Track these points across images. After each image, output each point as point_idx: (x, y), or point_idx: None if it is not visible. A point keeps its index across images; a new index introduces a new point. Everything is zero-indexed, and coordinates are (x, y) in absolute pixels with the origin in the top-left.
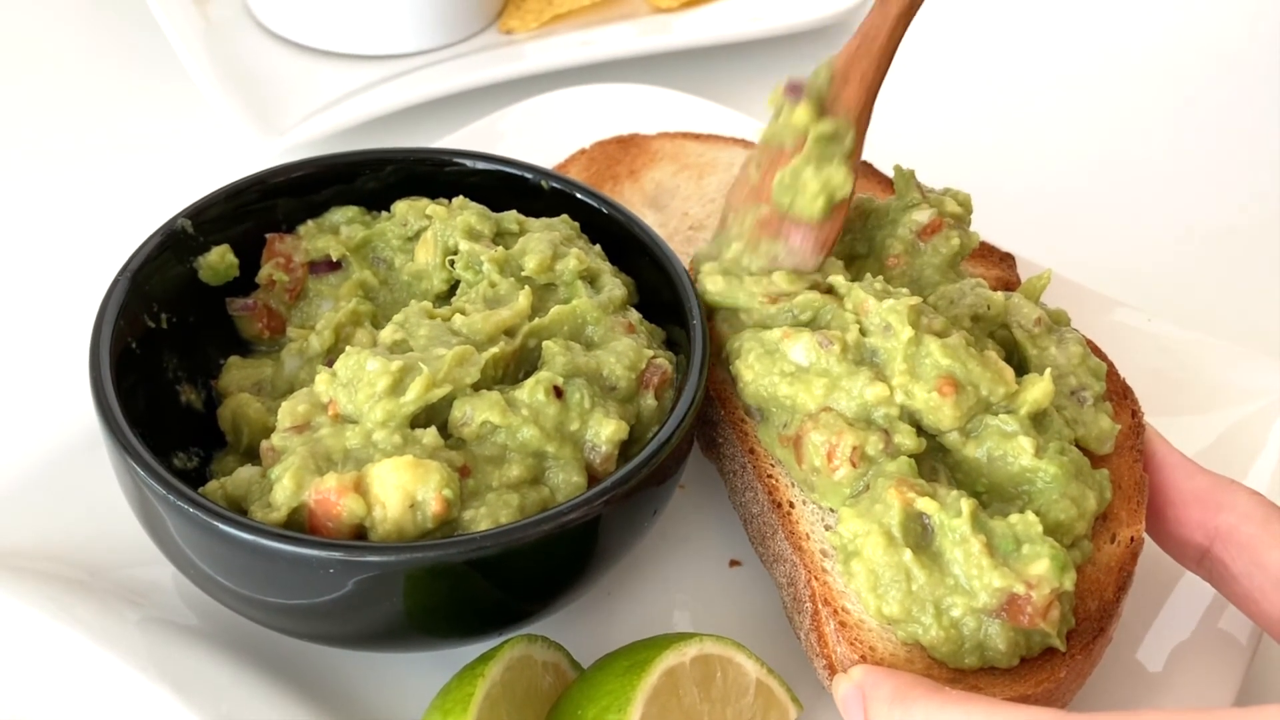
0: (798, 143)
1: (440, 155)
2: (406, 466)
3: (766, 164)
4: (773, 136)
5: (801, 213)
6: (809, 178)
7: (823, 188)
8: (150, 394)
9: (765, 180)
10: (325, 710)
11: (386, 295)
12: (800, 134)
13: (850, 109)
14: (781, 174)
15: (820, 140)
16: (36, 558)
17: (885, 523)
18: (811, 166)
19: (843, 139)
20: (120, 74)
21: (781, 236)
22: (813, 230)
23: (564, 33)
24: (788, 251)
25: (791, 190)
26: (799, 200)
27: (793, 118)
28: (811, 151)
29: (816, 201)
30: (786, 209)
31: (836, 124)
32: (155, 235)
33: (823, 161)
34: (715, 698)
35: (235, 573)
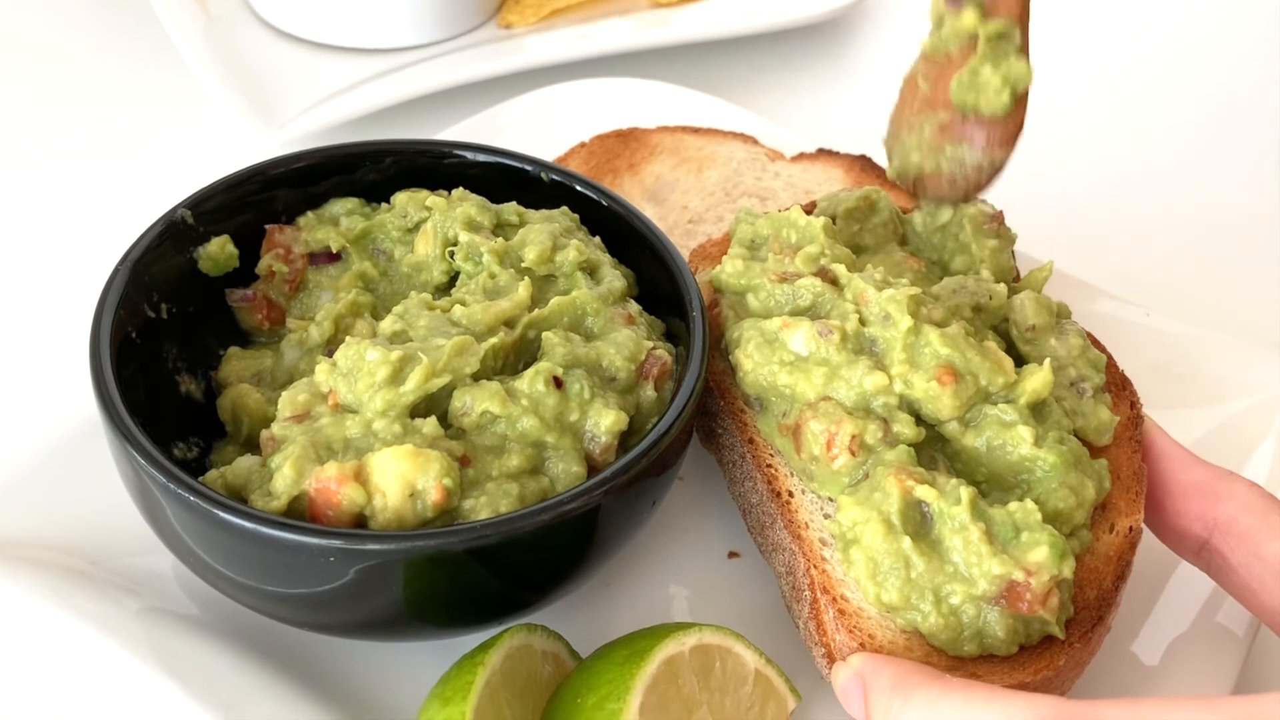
0: (965, 47)
1: (440, 147)
2: (406, 455)
3: (935, 74)
4: (936, 47)
5: (987, 109)
6: (988, 75)
7: (1005, 81)
8: (150, 384)
9: (939, 88)
10: (325, 699)
11: (386, 286)
12: (968, 38)
13: (1011, 8)
14: (959, 76)
15: (992, 39)
16: (36, 546)
17: (884, 510)
18: (989, 65)
19: (1012, 36)
20: (121, 67)
21: (965, 139)
22: (998, 125)
23: (563, 27)
24: (973, 150)
25: (973, 90)
26: (983, 98)
27: (959, 23)
28: (985, 51)
29: (1002, 95)
30: (972, 108)
31: (1004, 22)
32: (155, 225)
33: (999, 58)
34: (714, 687)
35: (235, 561)
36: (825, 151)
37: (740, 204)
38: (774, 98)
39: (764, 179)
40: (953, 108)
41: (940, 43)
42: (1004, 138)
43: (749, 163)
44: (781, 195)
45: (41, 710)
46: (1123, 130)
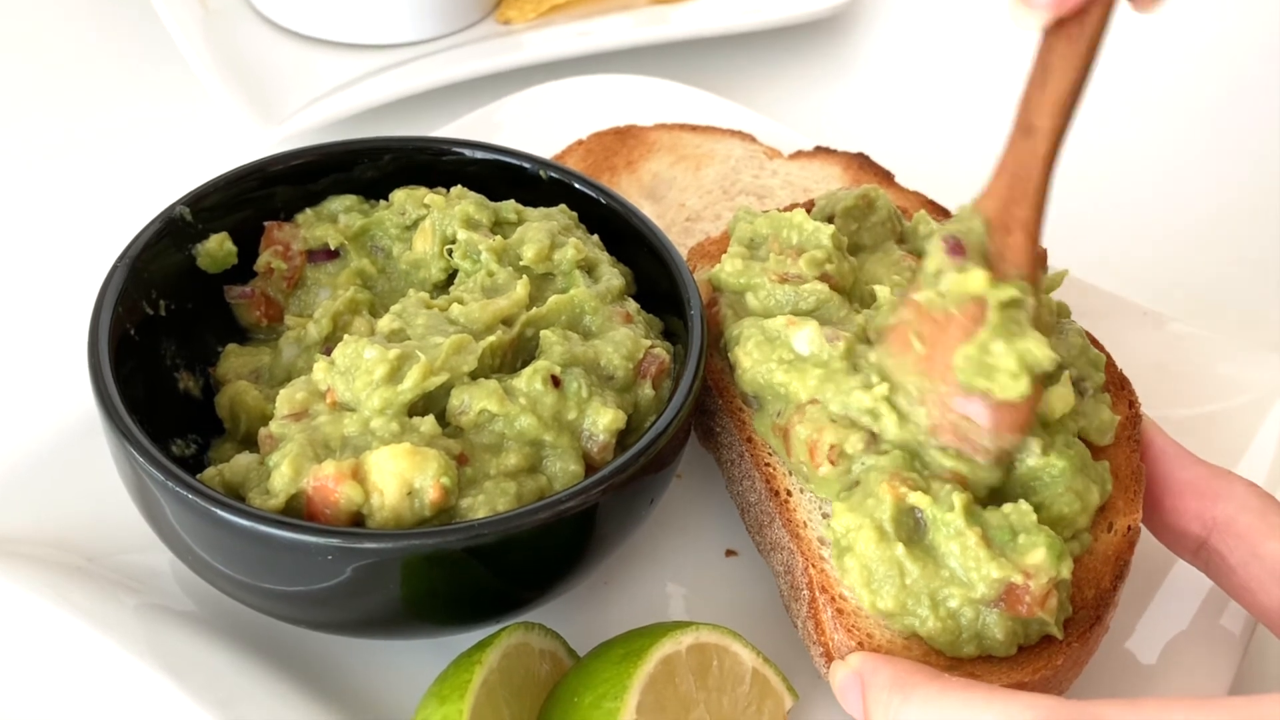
0: (969, 311)
1: (438, 144)
2: (404, 454)
3: (931, 334)
4: (934, 301)
5: (1002, 394)
6: (1001, 353)
7: (1020, 364)
8: (148, 381)
9: (936, 353)
10: (322, 696)
11: (384, 284)
12: (972, 300)
13: (1020, 264)
14: (966, 352)
15: (1004, 308)
16: (34, 543)
17: (877, 517)
18: (1000, 340)
19: (1025, 303)
20: (119, 62)
21: (969, 417)
22: (1010, 409)
23: (562, 23)
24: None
25: (983, 371)
26: (996, 381)
27: (963, 282)
28: (997, 324)
29: (1019, 381)
30: (982, 390)
31: (1018, 288)
32: (154, 223)
33: (1011, 332)
34: (711, 686)
35: (233, 559)
36: (823, 149)
37: (738, 202)
38: (772, 94)
39: (762, 177)
40: (956, 383)
41: (938, 298)
42: (1015, 423)
43: (747, 160)
44: (779, 193)
45: (39, 706)
46: (1121, 128)
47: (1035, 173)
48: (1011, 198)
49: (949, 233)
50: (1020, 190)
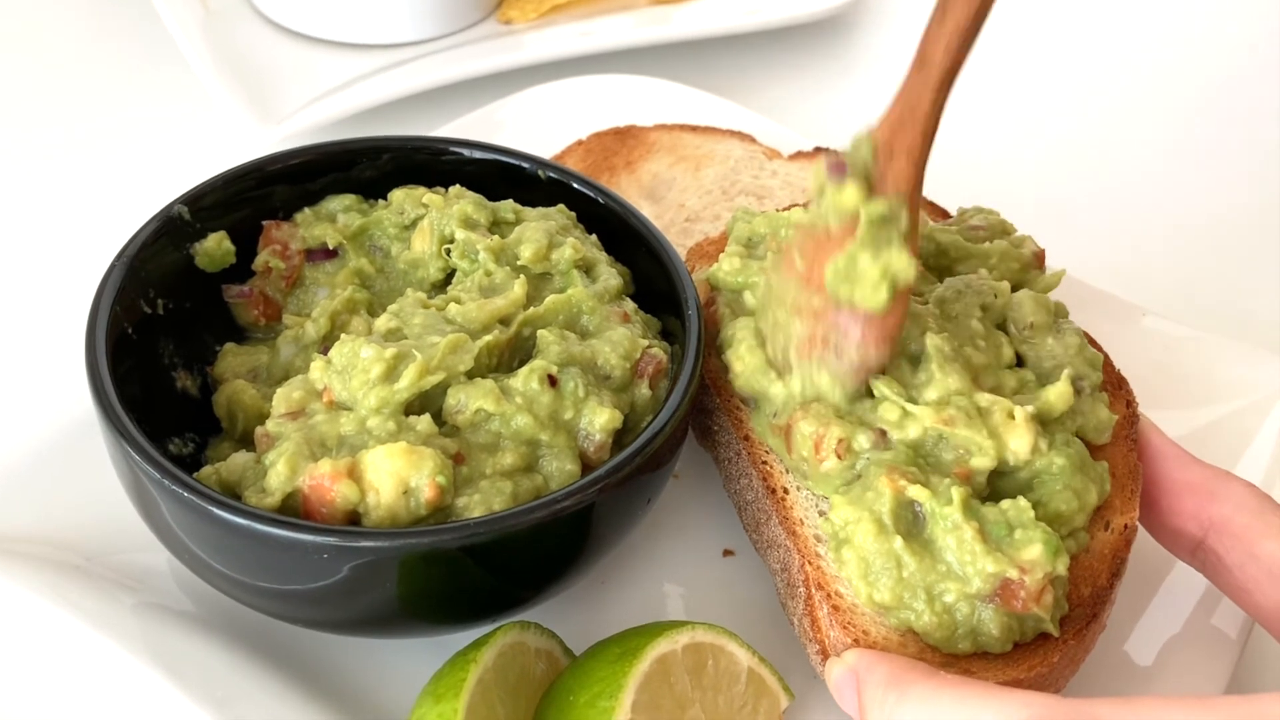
0: (846, 226)
1: (437, 144)
2: (400, 453)
3: (811, 250)
4: (816, 220)
5: (863, 303)
6: (866, 264)
7: (883, 274)
8: (146, 380)
9: (814, 269)
10: (318, 695)
11: (383, 283)
12: (848, 216)
13: (900, 186)
14: (834, 261)
15: (873, 223)
16: (33, 542)
17: (876, 510)
18: (868, 252)
19: (897, 219)
20: (118, 60)
21: (839, 329)
22: (875, 321)
23: (563, 23)
24: (847, 343)
25: (849, 280)
26: (859, 290)
27: (839, 198)
28: (866, 235)
29: (879, 290)
30: (846, 300)
31: (889, 203)
32: (152, 221)
33: (880, 246)
34: (707, 685)
35: (229, 558)
36: (823, 150)
37: (737, 202)
38: (773, 95)
39: (761, 177)
40: (826, 294)
41: (819, 216)
42: (880, 336)
43: (746, 161)
44: (779, 194)
45: (37, 705)
46: (1120, 129)
47: (925, 102)
48: (900, 125)
49: (833, 156)
50: (909, 118)
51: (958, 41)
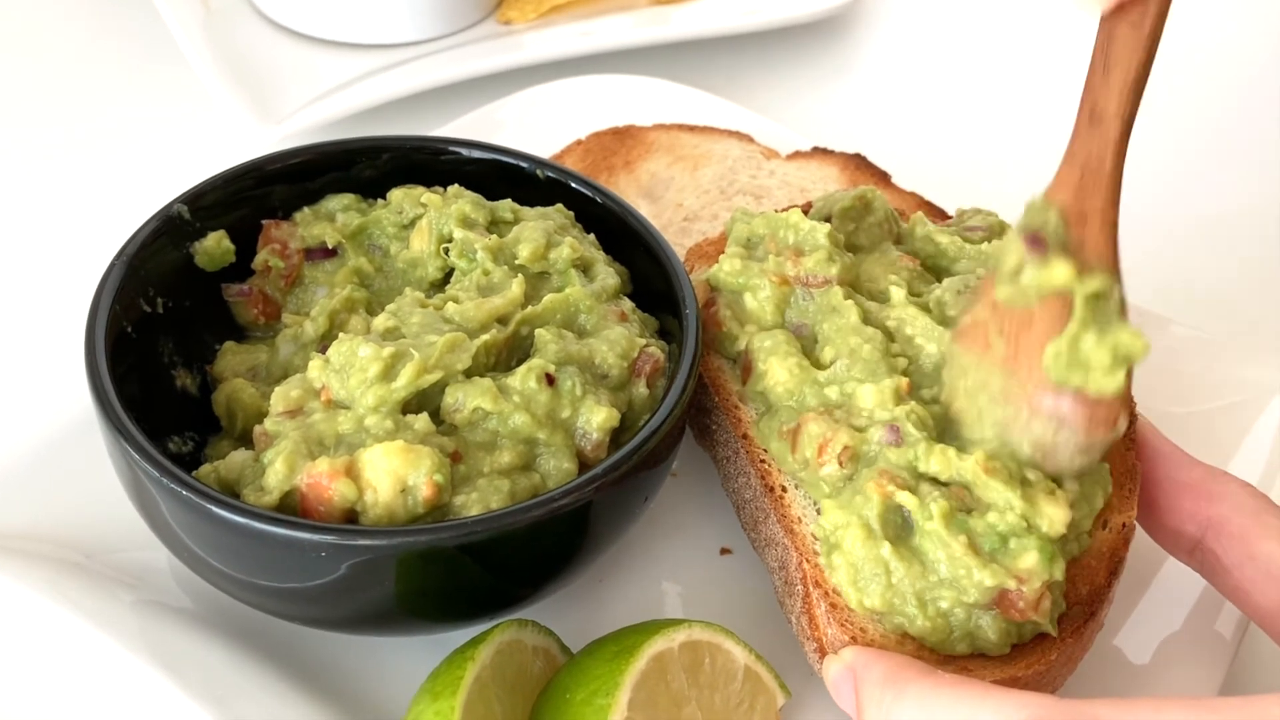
0: (1054, 305)
1: (436, 144)
2: (398, 451)
3: (1012, 330)
4: (1013, 299)
5: (1094, 389)
6: (1092, 348)
7: (1114, 357)
8: (145, 378)
9: (1020, 349)
10: (317, 692)
11: (381, 282)
12: (1056, 296)
13: (1103, 256)
14: (1056, 348)
15: (1089, 301)
16: (33, 539)
17: (864, 515)
18: (1090, 333)
19: (1112, 294)
20: (118, 59)
21: (1059, 416)
22: (1103, 405)
23: (562, 24)
24: (1070, 431)
25: (1076, 366)
26: (1091, 377)
27: (1046, 276)
28: (1085, 315)
29: (1115, 375)
30: (1078, 388)
31: (1104, 279)
32: (152, 220)
33: (1101, 325)
34: (703, 683)
35: (228, 556)
36: (820, 150)
37: (735, 202)
38: (772, 95)
39: (759, 177)
40: (1045, 380)
41: (1019, 295)
42: (1107, 419)
43: (744, 161)
44: (777, 194)
45: (36, 702)
46: None
47: (1107, 161)
48: (1084, 188)
49: (1026, 226)
50: (1093, 180)
51: (1130, 93)
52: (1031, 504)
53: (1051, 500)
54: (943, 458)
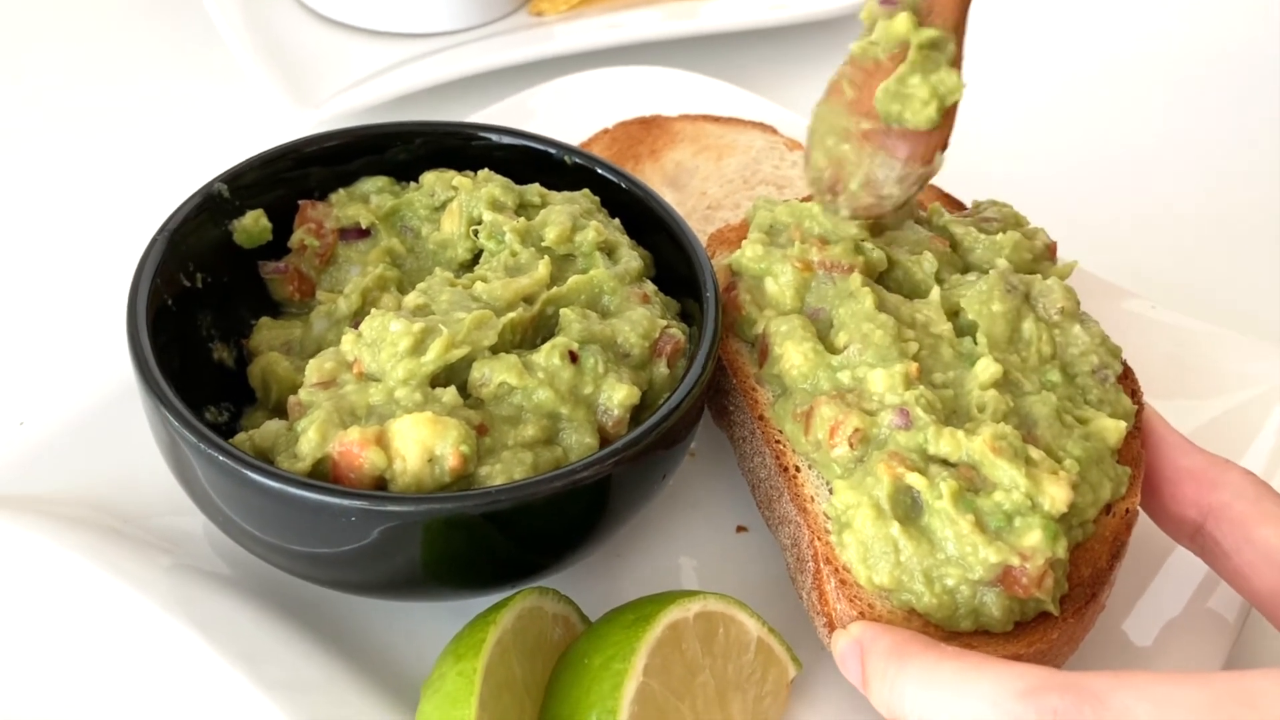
0: (896, 54)
1: (468, 129)
2: (426, 422)
3: (861, 79)
4: (865, 51)
5: (912, 120)
6: (916, 85)
7: (933, 92)
8: (184, 350)
9: (864, 94)
10: (344, 654)
11: (413, 263)
12: (898, 44)
13: (947, 17)
14: (885, 84)
15: (923, 48)
16: (73, 504)
17: (874, 496)
18: (918, 74)
19: (945, 46)
20: (163, 44)
21: (886, 149)
22: (922, 138)
23: (592, 16)
24: (893, 161)
25: (899, 99)
26: (909, 109)
27: (890, 28)
28: (916, 60)
29: (928, 107)
30: (895, 118)
31: (938, 32)
32: (193, 198)
33: (929, 68)
34: (717, 653)
35: (261, 520)
36: None
37: (758, 191)
38: (798, 90)
39: (782, 168)
40: (876, 116)
41: (870, 47)
42: (927, 152)
43: (768, 151)
44: (798, 184)
45: (74, 660)
46: (1128, 120)
47: None
48: None
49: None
50: None
51: None
52: (1035, 483)
53: (1054, 480)
54: (952, 439)
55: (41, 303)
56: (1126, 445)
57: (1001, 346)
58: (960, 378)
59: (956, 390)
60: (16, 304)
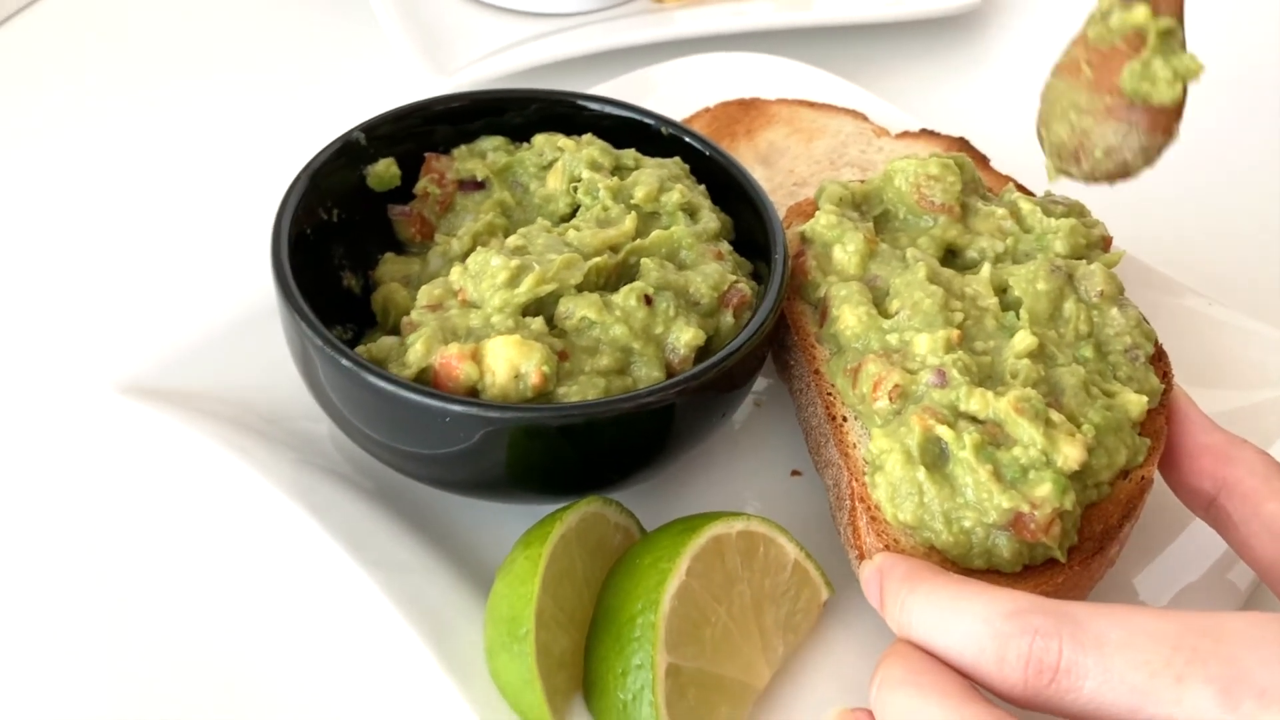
0: (1132, 40)
1: (577, 98)
2: (514, 344)
3: (1099, 61)
4: (1102, 37)
5: (1158, 98)
6: (1160, 67)
7: (1176, 74)
8: (318, 275)
9: (1104, 74)
10: (434, 542)
11: (519, 214)
12: (1136, 31)
13: (1174, 6)
14: (1131, 66)
15: (1162, 34)
16: (219, 401)
17: (906, 444)
18: (1159, 58)
19: (1178, 33)
20: (317, 14)
21: (1131, 122)
22: (1164, 113)
23: (709, 5)
24: (1138, 133)
25: (1147, 79)
26: (1156, 88)
27: (1129, 17)
28: (1156, 45)
29: (1175, 87)
30: (1143, 96)
31: (1172, 21)
32: (334, 144)
33: (1169, 53)
34: (755, 568)
35: (371, 418)
36: (928, 131)
37: (843, 173)
38: (889, 81)
39: (868, 152)
40: (1121, 94)
41: (1107, 33)
42: (1167, 125)
43: (856, 136)
44: (880, 166)
45: (207, 534)
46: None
47: None
48: None
49: None
50: None
51: None
52: (1051, 442)
53: (1069, 440)
54: (981, 398)
55: (209, 225)
56: (1150, 420)
57: (1042, 322)
58: (999, 347)
59: (994, 358)
60: (192, 225)
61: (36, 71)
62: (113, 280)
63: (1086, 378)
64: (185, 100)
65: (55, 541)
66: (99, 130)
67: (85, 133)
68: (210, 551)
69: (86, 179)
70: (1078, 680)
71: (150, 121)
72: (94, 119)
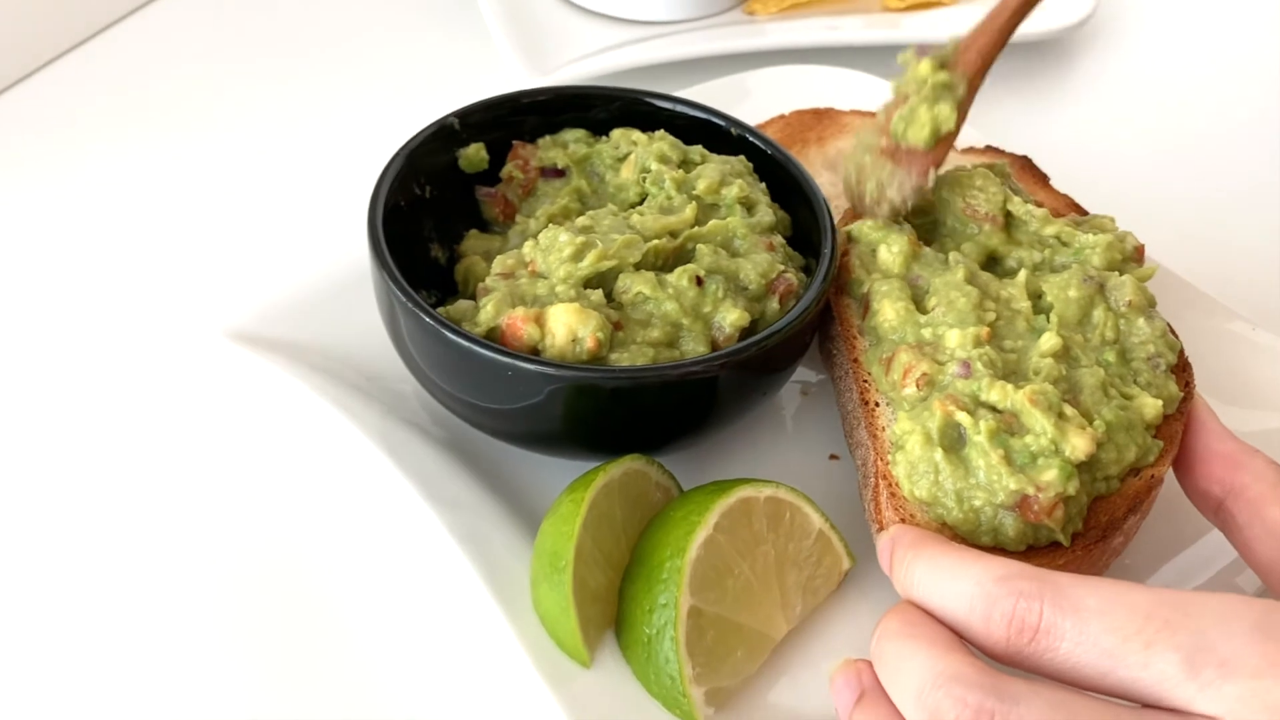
0: (919, 90)
1: (656, 97)
2: (574, 311)
3: (890, 109)
4: (900, 88)
5: (912, 139)
6: (921, 113)
7: (930, 121)
8: (409, 245)
9: (888, 119)
10: (493, 487)
11: (594, 201)
12: (921, 83)
13: (966, 71)
14: (901, 110)
15: (936, 87)
16: (318, 354)
17: (927, 427)
18: (925, 105)
19: (955, 89)
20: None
21: (901, 164)
22: (918, 156)
23: (798, 18)
24: (907, 174)
25: (906, 123)
26: (910, 130)
27: (917, 70)
28: (928, 94)
29: (923, 131)
30: (901, 137)
31: (951, 76)
32: (431, 126)
33: (935, 102)
34: (781, 532)
35: (445, 370)
36: (992, 148)
37: None
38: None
39: None
40: (889, 135)
41: (903, 84)
42: (922, 168)
43: None
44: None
45: (301, 471)
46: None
47: (1004, 15)
48: (981, 30)
49: (924, 44)
50: (989, 25)
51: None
52: (1062, 433)
53: (1079, 433)
54: (1001, 390)
55: (321, 193)
56: (1167, 424)
57: (1070, 326)
58: (1026, 347)
59: (1020, 356)
60: (306, 192)
61: (177, 51)
62: (231, 238)
63: (1106, 379)
64: (313, 83)
65: (164, 470)
66: (237, 105)
67: (225, 106)
68: (301, 486)
69: (222, 147)
70: (1055, 641)
71: (283, 100)
72: (235, 96)
